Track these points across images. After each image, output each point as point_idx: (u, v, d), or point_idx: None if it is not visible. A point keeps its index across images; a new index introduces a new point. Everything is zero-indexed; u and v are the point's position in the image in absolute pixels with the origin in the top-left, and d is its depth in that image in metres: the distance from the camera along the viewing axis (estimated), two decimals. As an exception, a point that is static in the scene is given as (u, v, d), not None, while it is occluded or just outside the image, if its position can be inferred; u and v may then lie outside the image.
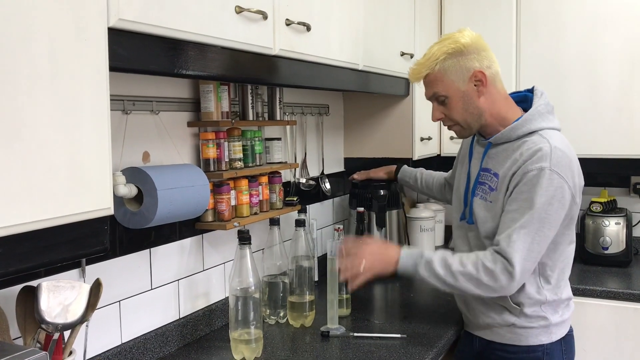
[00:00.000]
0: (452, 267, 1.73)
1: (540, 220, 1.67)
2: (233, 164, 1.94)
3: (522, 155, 1.73)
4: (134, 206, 1.58)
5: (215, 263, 2.05)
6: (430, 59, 1.78)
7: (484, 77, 1.77)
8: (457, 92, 1.78)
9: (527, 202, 1.68)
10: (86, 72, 1.08)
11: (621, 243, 2.74)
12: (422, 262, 1.77)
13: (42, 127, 1.01)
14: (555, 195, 1.67)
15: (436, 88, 1.80)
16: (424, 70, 1.81)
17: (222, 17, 1.43)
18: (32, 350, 0.94)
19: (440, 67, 1.77)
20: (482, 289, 1.71)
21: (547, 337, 1.81)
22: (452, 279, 1.73)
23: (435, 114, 1.85)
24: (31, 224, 1.00)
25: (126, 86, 1.64)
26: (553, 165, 1.68)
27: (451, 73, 1.77)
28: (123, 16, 1.16)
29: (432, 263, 1.75)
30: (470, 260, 1.72)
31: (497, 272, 1.68)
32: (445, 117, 1.84)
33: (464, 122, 1.82)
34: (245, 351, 1.74)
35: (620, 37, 2.64)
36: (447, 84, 1.78)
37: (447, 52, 1.76)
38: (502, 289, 1.70)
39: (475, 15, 2.85)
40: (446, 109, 1.82)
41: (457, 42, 1.77)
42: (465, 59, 1.77)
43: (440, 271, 1.74)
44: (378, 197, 2.62)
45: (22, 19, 0.97)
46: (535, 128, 1.77)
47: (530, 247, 1.67)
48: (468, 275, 1.71)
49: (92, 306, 1.32)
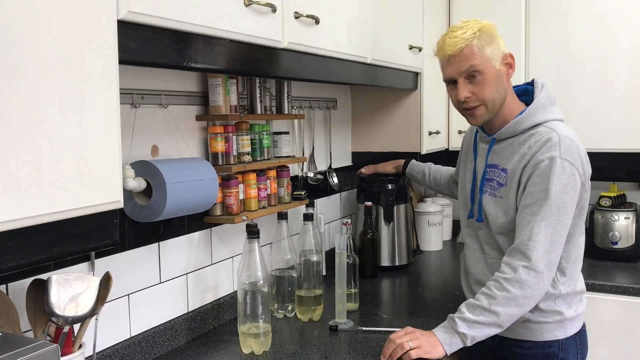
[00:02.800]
0: (483, 304, 1.67)
1: (559, 209, 1.65)
2: (241, 157, 1.94)
3: (531, 148, 1.71)
4: (143, 200, 1.58)
5: (224, 257, 2.05)
6: (467, 32, 1.71)
7: (513, 61, 1.77)
8: (492, 69, 1.73)
9: (543, 193, 1.66)
10: (96, 65, 1.08)
11: (631, 238, 2.72)
12: (458, 324, 1.68)
13: (52, 120, 1.01)
14: (569, 183, 1.66)
15: (473, 61, 1.72)
16: (461, 42, 1.72)
17: (231, 10, 1.43)
18: (43, 343, 0.94)
19: (479, 42, 1.72)
20: (521, 304, 1.65)
21: (562, 332, 1.79)
22: (494, 317, 1.66)
23: (463, 92, 1.74)
24: (41, 217, 1.00)
25: (135, 80, 1.64)
26: (563, 154, 1.66)
27: (489, 49, 1.73)
28: (132, 8, 1.16)
29: (465, 318, 1.67)
30: (494, 287, 1.67)
31: (521, 280, 1.64)
32: (473, 96, 1.75)
33: (492, 102, 1.75)
34: (254, 345, 1.74)
35: (630, 30, 2.61)
36: (485, 59, 1.72)
37: (480, 29, 1.72)
38: (537, 291, 1.66)
39: (484, 7, 2.83)
40: (476, 87, 1.74)
41: (487, 25, 1.74)
42: (496, 40, 1.75)
43: (480, 318, 1.66)
44: (386, 192, 2.61)
45: (32, 12, 0.96)
46: (539, 120, 1.75)
47: (552, 238, 1.65)
48: (502, 301, 1.65)
49: (102, 299, 1.32)
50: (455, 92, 1.77)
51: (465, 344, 1.69)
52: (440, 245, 3.07)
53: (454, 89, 1.78)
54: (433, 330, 1.72)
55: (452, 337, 1.69)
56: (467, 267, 1.92)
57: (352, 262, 2.13)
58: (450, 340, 1.69)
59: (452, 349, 1.69)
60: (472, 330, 1.67)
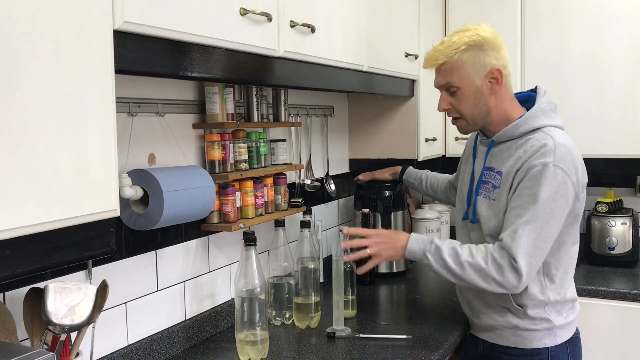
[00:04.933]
0: (461, 257, 1.70)
1: (545, 215, 1.66)
2: (238, 165, 1.95)
3: (526, 152, 1.72)
4: (139, 208, 1.59)
5: (221, 264, 2.05)
6: (450, 47, 1.74)
7: (500, 75, 1.76)
8: (470, 86, 1.76)
9: (532, 198, 1.67)
10: (92, 74, 1.09)
11: (627, 243, 2.73)
12: (432, 249, 1.74)
13: (48, 129, 1.01)
14: (559, 190, 1.67)
15: (450, 78, 1.76)
16: (441, 57, 1.76)
17: (227, 19, 1.44)
18: (40, 352, 0.94)
19: (459, 58, 1.74)
20: (488, 282, 1.69)
21: (551, 339, 1.80)
22: (459, 269, 1.70)
23: (442, 104, 1.82)
24: (37, 225, 1.00)
25: (132, 88, 1.65)
26: (557, 161, 1.67)
27: (469, 65, 1.74)
28: (128, 18, 1.16)
29: (440, 251, 1.73)
30: (479, 252, 1.71)
31: (505, 268, 1.66)
32: (452, 108, 1.81)
33: (471, 117, 1.80)
34: (251, 352, 1.74)
35: (626, 36, 2.63)
36: (463, 76, 1.75)
37: (468, 43, 1.73)
38: (509, 285, 1.68)
39: (480, 15, 2.84)
40: (455, 101, 1.79)
41: (479, 35, 1.74)
42: (484, 54, 1.74)
43: (449, 259, 1.71)
44: (383, 198, 2.62)
45: (27, 22, 0.97)
46: (538, 125, 1.76)
47: (535, 242, 1.66)
48: (477, 266, 1.69)
49: (99, 308, 1.33)
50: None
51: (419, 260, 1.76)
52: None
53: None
54: (410, 238, 1.79)
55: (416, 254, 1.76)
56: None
57: (350, 269, 2.13)
58: (412, 254, 1.77)
59: (409, 257, 1.78)
60: (436, 265, 1.74)
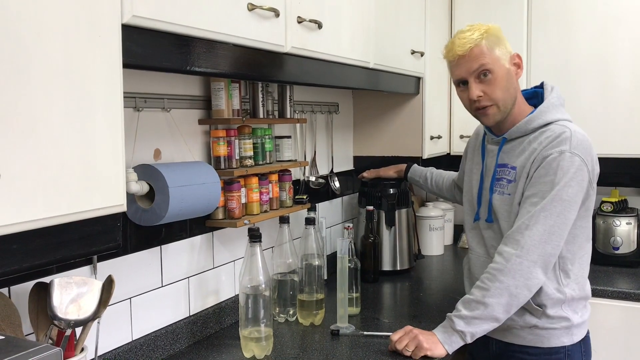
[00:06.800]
0: (477, 298, 1.68)
1: (562, 202, 1.65)
2: (243, 161, 1.94)
3: (542, 143, 1.72)
4: (145, 203, 1.59)
5: (226, 261, 2.05)
6: (475, 34, 1.74)
7: (521, 61, 1.79)
8: (502, 68, 1.75)
9: (548, 185, 1.66)
10: (100, 69, 1.09)
11: (632, 243, 2.72)
12: (453, 319, 1.71)
13: (56, 124, 1.01)
14: (575, 177, 1.66)
15: (483, 60, 1.73)
16: (470, 43, 1.74)
17: (234, 14, 1.43)
18: (46, 346, 0.94)
19: (487, 43, 1.74)
20: (513, 291, 1.65)
21: (568, 338, 1.78)
22: (484, 307, 1.66)
23: (474, 92, 1.75)
24: (44, 220, 1.00)
25: (138, 83, 1.65)
26: (573, 148, 1.67)
27: (497, 49, 1.75)
28: (137, 13, 1.16)
29: (460, 313, 1.70)
30: (485, 278, 1.68)
31: (514, 267, 1.64)
32: (485, 95, 1.76)
33: (503, 101, 1.76)
34: (256, 349, 1.74)
35: (632, 36, 2.61)
36: (494, 59, 1.74)
37: (487, 31, 1.75)
38: (529, 277, 1.64)
39: (486, 13, 2.83)
40: (487, 86, 1.75)
41: (493, 27, 1.77)
42: (503, 41, 1.78)
43: (474, 312, 1.67)
44: (387, 196, 2.61)
45: (36, 16, 0.97)
46: (550, 119, 1.75)
47: (551, 229, 1.64)
48: (495, 291, 1.65)
49: (104, 303, 1.32)
50: (466, 93, 1.78)
51: (465, 341, 1.69)
52: (441, 249, 3.07)
53: (464, 90, 1.79)
54: (433, 330, 1.73)
55: (451, 336, 1.70)
56: (472, 272, 1.91)
57: (354, 267, 2.13)
58: (449, 339, 1.70)
59: (453, 348, 1.70)
60: (471, 327, 1.68)
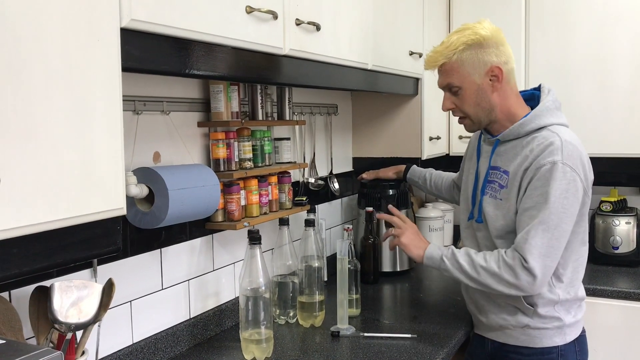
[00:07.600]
0: (475, 261, 1.75)
1: (558, 214, 1.66)
2: (243, 164, 1.95)
3: (533, 151, 1.72)
4: (145, 206, 1.59)
5: (225, 263, 2.05)
6: (449, 48, 1.76)
7: (500, 73, 1.76)
8: (471, 85, 1.77)
9: (543, 197, 1.67)
10: (99, 72, 1.09)
11: (632, 243, 2.73)
12: (448, 254, 1.80)
13: (55, 127, 1.01)
14: (569, 188, 1.67)
15: (451, 78, 1.78)
16: (440, 59, 1.78)
17: (232, 17, 1.43)
18: (47, 350, 0.94)
19: (458, 58, 1.75)
20: (502, 285, 1.71)
21: (561, 338, 1.80)
22: (474, 272, 1.74)
23: (446, 104, 1.84)
24: (44, 224, 1.00)
25: (137, 86, 1.65)
26: (565, 159, 1.67)
27: (468, 65, 1.75)
28: (135, 16, 1.16)
29: (456, 255, 1.78)
30: (492, 257, 1.74)
31: (517, 269, 1.67)
32: (456, 108, 1.83)
33: (475, 115, 1.81)
34: (256, 351, 1.74)
35: (631, 36, 2.62)
36: (463, 76, 1.76)
37: (467, 42, 1.74)
38: (524, 286, 1.69)
39: (484, 13, 2.80)
40: (458, 100, 1.81)
41: (477, 34, 1.74)
42: (483, 52, 1.75)
43: (464, 263, 1.75)
44: (387, 197, 2.61)
45: (35, 20, 0.97)
46: (544, 124, 1.76)
47: (549, 243, 1.66)
48: (490, 270, 1.71)
49: (105, 306, 1.32)
50: None
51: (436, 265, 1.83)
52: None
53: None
54: (430, 243, 1.89)
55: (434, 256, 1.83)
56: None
57: (354, 268, 2.13)
58: (430, 256, 1.84)
59: (427, 263, 1.86)
60: (452, 269, 1.79)
